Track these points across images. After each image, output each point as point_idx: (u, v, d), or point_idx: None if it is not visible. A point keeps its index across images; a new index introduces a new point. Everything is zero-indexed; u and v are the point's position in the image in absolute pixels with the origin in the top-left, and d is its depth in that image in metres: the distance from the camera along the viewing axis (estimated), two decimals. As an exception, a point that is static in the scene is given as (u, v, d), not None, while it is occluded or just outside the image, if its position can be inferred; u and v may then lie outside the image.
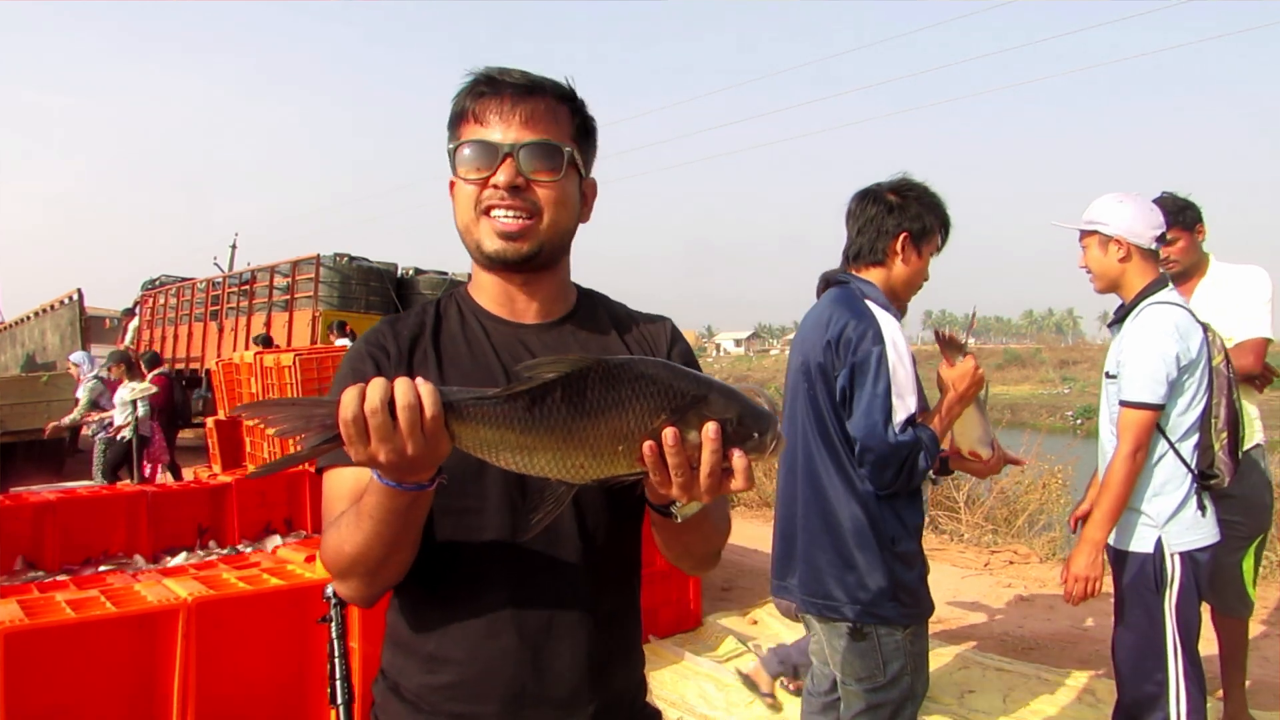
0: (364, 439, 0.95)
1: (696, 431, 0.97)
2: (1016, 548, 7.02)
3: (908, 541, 2.26)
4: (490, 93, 1.23)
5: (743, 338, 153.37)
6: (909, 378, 2.27)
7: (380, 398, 0.94)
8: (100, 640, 2.46)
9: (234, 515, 4.89)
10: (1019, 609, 5.43)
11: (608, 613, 1.28)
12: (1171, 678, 2.50)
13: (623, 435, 0.97)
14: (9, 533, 4.14)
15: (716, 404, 0.99)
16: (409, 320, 1.32)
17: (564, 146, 1.24)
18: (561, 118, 1.25)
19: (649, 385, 0.98)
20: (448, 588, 1.23)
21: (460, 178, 1.24)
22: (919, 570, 2.30)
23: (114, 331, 18.84)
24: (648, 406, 0.97)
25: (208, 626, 2.58)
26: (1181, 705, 2.48)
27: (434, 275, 13.85)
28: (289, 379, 6.63)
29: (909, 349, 2.31)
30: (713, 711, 3.85)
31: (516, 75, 1.25)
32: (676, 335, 1.41)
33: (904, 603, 2.24)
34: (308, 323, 11.96)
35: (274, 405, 0.99)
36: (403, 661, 1.27)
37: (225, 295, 14.56)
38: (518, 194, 1.21)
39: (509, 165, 1.20)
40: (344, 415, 0.94)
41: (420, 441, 0.95)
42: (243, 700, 2.65)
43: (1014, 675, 4.26)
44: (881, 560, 2.23)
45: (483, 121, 1.22)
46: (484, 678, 1.21)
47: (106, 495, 4.73)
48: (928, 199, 2.39)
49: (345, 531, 1.12)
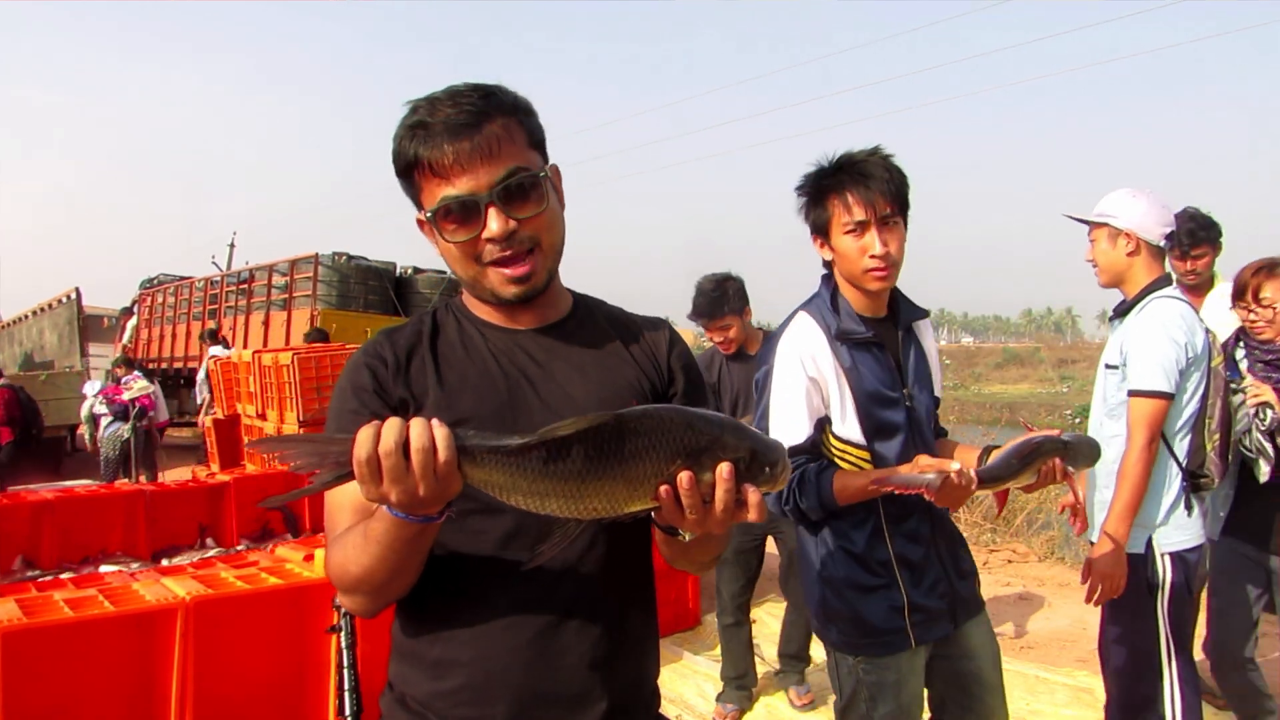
0: (376, 479, 0.95)
1: (711, 472, 0.99)
2: (1015, 546, 7.03)
3: (836, 568, 2.06)
4: (442, 138, 1.16)
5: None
6: (796, 401, 2.00)
7: (395, 439, 0.94)
8: (99, 639, 2.46)
9: (232, 515, 4.89)
10: (1017, 607, 5.43)
11: (618, 611, 1.27)
12: (1166, 680, 2.48)
13: (638, 482, 1.00)
14: (7, 532, 4.13)
15: (730, 444, 1.01)
16: (406, 330, 1.31)
17: (536, 171, 1.21)
18: (515, 131, 1.20)
19: (664, 435, 1.00)
20: (452, 592, 1.22)
21: (447, 240, 1.20)
22: (855, 601, 2.04)
23: (112, 330, 18.81)
24: (663, 455, 0.99)
25: (206, 626, 2.58)
26: (1177, 707, 2.48)
27: (432, 274, 13.82)
28: (287, 378, 6.62)
29: (829, 365, 2.00)
30: (712, 711, 3.85)
31: (458, 110, 1.17)
32: (675, 338, 1.41)
33: (842, 630, 2.08)
34: (306, 322, 11.94)
35: (289, 441, 1.01)
36: (408, 670, 1.26)
37: (223, 294, 14.53)
38: (512, 237, 1.19)
39: (495, 215, 1.17)
40: (358, 455, 0.94)
41: (432, 483, 0.96)
42: (241, 699, 2.65)
43: (1012, 674, 4.24)
44: (816, 584, 2.11)
45: (446, 176, 1.17)
46: (491, 679, 1.20)
47: (104, 495, 4.72)
48: (804, 183, 2.09)
49: (351, 552, 1.12)
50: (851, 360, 2.02)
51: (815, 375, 2.01)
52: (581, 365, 1.29)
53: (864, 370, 2.03)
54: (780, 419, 2.03)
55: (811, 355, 2.02)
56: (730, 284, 3.71)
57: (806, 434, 2.00)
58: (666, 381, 1.36)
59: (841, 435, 2.03)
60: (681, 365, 1.38)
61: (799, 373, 2.01)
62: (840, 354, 2.02)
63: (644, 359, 1.35)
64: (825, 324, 2.04)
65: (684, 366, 1.38)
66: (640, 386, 1.32)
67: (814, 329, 2.04)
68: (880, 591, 2.04)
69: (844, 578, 2.06)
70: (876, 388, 2.03)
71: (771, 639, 4.77)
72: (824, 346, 2.02)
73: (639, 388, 1.32)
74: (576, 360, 1.30)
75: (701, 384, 1.41)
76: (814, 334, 2.03)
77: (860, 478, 1.96)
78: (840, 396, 2.01)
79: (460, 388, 1.24)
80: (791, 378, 2.02)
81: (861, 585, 2.05)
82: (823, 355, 2.01)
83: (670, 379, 1.36)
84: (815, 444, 2.02)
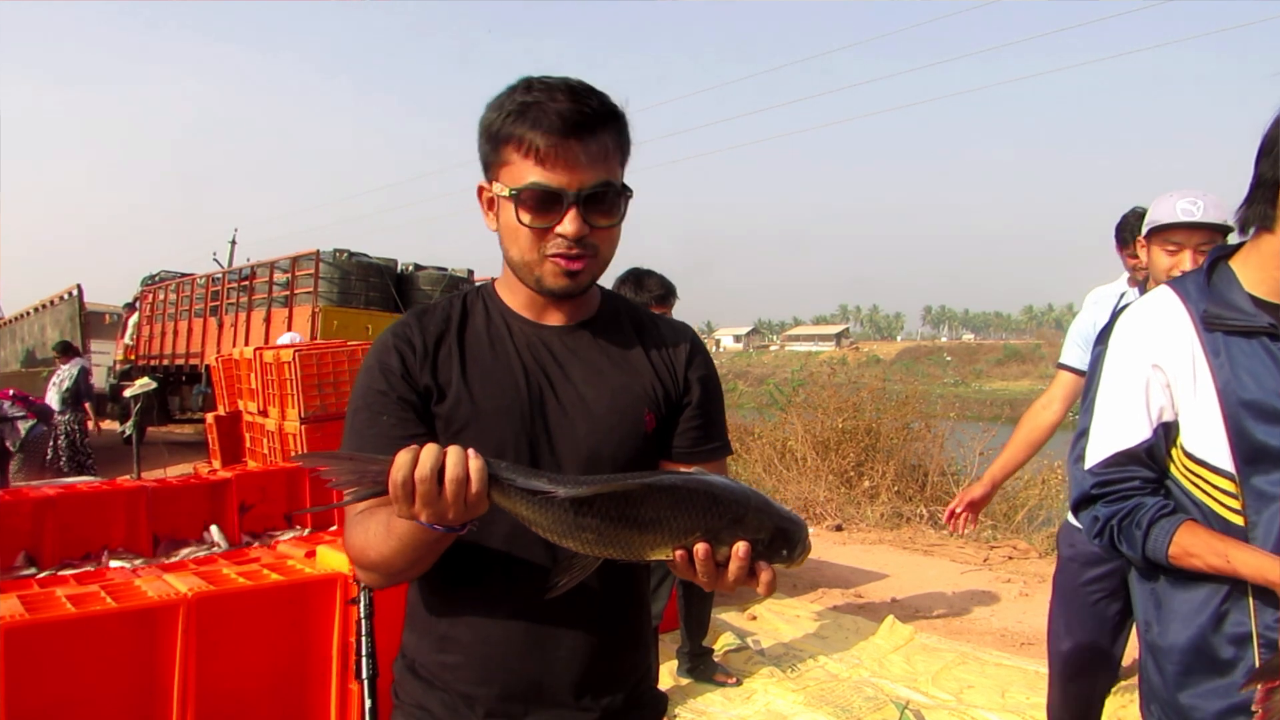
0: (410, 500, 1.03)
1: (728, 547, 1.05)
2: (1016, 543, 7.04)
3: (1166, 630, 1.57)
4: (553, 127, 1.19)
5: (742, 333, 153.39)
6: (1133, 394, 1.56)
7: (431, 466, 1.01)
8: (101, 635, 2.46)
9: (235, 511, 4.90)
10: (1018, 604, 5.44)
11: (613, 601, 1.33)
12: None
13: (655, 545, 1.06)
14: (9, 528, 4.13)
15: (750, 524, 1.05)
16: (435, 315, 1.34)
17: (624, 190, 1.26)
18: (615, 145, 1.26)
19: (686, 509, 1.04)
20: (460, 573, 1.28)
21: (520, 222, 1.23)
22: (1185, 685, 1.55)
23: (114, 327, 18.84)
24: (684, 526, 1.04)
25: (208, 621, 2.58)
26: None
27: (433, 271, 13.83)
28: (289, 374, 6.63)
29: (1186, 355, 1.51)
30: (709, 707, 3.86)
31: (577, 107, 1.20)
32: (696, 348, 1.42)
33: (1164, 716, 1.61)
34: (307, 318, 11.95)
35: (332, 458, 1.10)
36: (418, 640, 1.34)
37: (225, 291, 14.54)
38: (582, 240, 1.23)
39: (575, 217, 1.21)
40: (395, 477, 1.01)
41: (461, 510, 1.04)
42: (243, 694, 2.66)
43: (1013, 670, 4.27)
44: (1143, 646, 1.65)
45: (542, 163, 1.20)
46: (488, 662, 1.28)
47: (106, 490, 4.72)
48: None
49: (373, 539, 1.18)
50: (1224, 352, 1.46)
51: (1161, 364, 1.51)
52: (600, 369, 1.33)
53: (1242, 368, 1.44)
54: (1109, 415, 1.57)
55: (1160, 338, 1.52)
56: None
57: (1144, 437, 1.52)
58: (681, 392, 1.38)
59: (1195, 453, 1.48)
60: (699, 377, 1.40)
61: (1139, 358, 1.54)
62: (1207, 343, 1.48)
63: (662, 367, 1.37)
64: (1190, 302, 1.51)
65: (701, 379, 1.40)
66: (654, 395, 1.34)
67: (1171, 306, 1.53)
68: (1224, 675, 1.48)
69: (1176, 647, 1.53)
70: (1259, 395, 1.42)
71: (771, 635, 4.79)
72: (1182, 330, 1.50)
73: (653, 396, 1.34)
74: (596, 363, 1.33)
75: (718, 397, 1.43)
76: (1169, 312, 1.53)
77: (1216, 548, 1.42)
78: (1196, 399, 1.48)
79: (482, 381, 1.29)
80: (1129, 363, 1.55)
81: (1196, 668, 1.51)
82: (1178, 341, 1.50)
83: (685, 389, 1.38)
84: (1156, 454, 1.53)
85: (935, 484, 8.98)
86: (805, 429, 9.80)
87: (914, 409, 9.97)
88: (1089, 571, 2.80)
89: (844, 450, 9.34)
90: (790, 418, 10.27)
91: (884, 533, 7.79)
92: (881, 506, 8.42)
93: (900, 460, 9.25)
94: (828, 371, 11.70)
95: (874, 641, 4.69)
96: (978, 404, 22.65)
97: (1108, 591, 2.76)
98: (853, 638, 4.75)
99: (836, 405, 9.83)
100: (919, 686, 4.08)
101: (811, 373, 12.02)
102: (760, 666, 4.26)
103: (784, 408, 10.80)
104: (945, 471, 9.17)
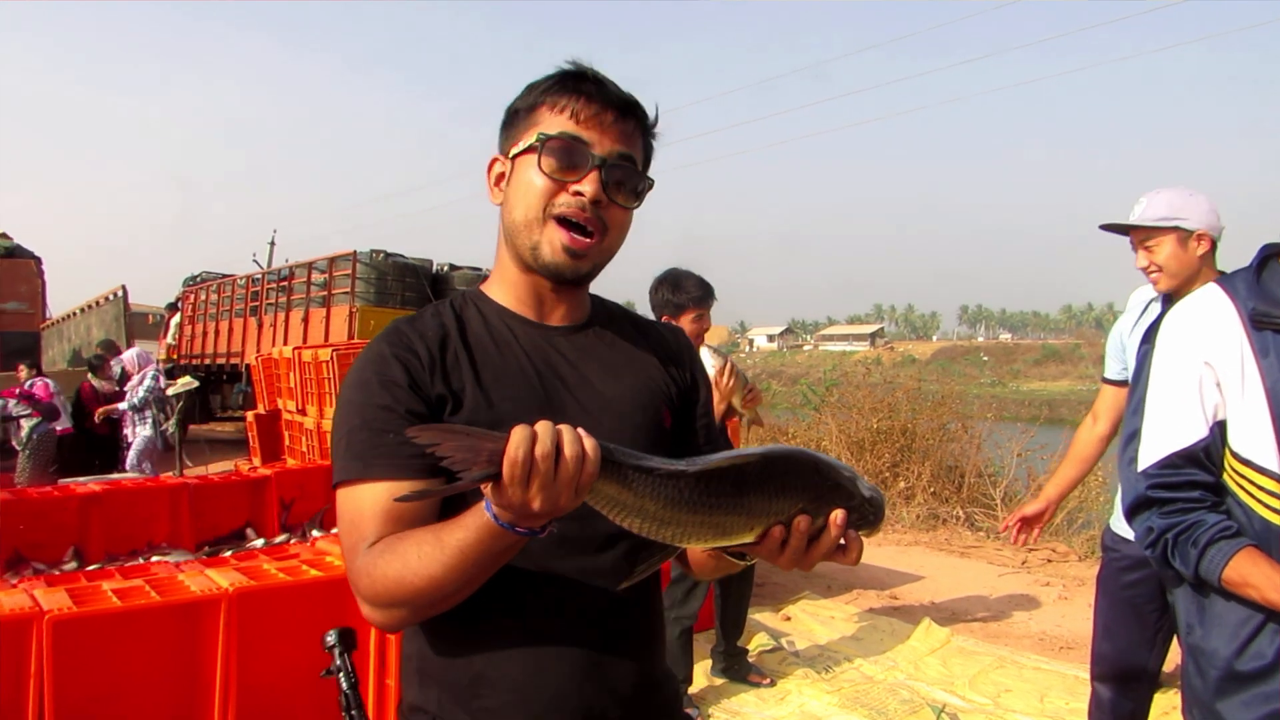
0: (526, 482, 0.91)
1: (825, 516, 1.02)
2: (1055, 545, 6.93)
3: (1209, 636, 1.56)
4: (592, 95, 1.20)
5: (776, 333, 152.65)
6: (1187, 391, 1.54)
7: (551, 442, 0.91)
8: (145, 628, 2.52)
9: (274, 508, 4.97)
10: (1057, 607, 5.36)
11: (648, 614, 1.30)
12: None
13: (759, 521, 1.01)
14: (58, 524, 4.24)
15: (847, 490, 1.04)
16: (429, 321, 1.25)
17: (646, 177, 1.25)
18: (641, 141, 1.26)
19: (797, 478, 1.02)
20: (494, 601, 1.15)
21: (541, 170, 1.19)
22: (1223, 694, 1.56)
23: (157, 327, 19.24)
24: (791, 498, 1.01)
25: (249, 616, 2.63)
26: None
27: (468, 271, 13.93)
28: (326, 374, 6.73)
29: (1235, 353, 1.49)
30: (743, 707, 3.85)
31: (618, 93, 1.22)
32: (691, 347, 1.45)
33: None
34: (344, 319, 12.10)
35: (447, 432, 0.95)
36: (439, 693, 1.20)
37: (264, 291, 14.76)
38: (595, 208, 1.19)
39: (594, 179, 1.18)
40: (513, 455, 0.91)
41: (572, 494, 0.93)
42: (283, 688, 2.70)
43: (1051, 675, 4.20)
44: (1185, 650, 1.66)
45: (578, 120, 1.19)
46: (540, 694, 1.17)
47: (150, 487, 4.82)
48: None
49: (415, 563, 1.04)
50: (1273, 352, 1.44)
51: (1212, 361, 1.48)
52: (614, 367, 1.30)
53: None
54: (1162, 414, 1.53)
55: (1210, 336, 1.50)
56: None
57: (1201, 435, 1.48)
58: (689, 387, 1.38)
59: (1243, 454, 1.45)
60: (700, 372, 1.41)
61: (1190, 356, 1.51)
62: (1256, 341, 1.45)
63: (670, 364, 1.37)
64: (1239, 300, 1.49)
65: (701, 374, 1.42)
66: (668, 391, 1.33)
67: (1219, 304, 1.51)
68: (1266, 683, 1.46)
69: (1219, 654, 1.51)
70: None
71: (805, 635, 4.76)
72: (1230, 328, 1.48)
73: (667, 392, 1.33)
74: (608, 362, 1.30)
75: (710, 393, 1.44)
76: (1217, 310, 1.51)
77: (1278, 583, 1.38)
78: (1244, 398, 1.45)
79: (497, 385, 1.20)
80: (1180, 362, 1.53)
81: (1239, 674, 1.49)
82: (1227, 339, 1.48)
83: (693, 384, 1.39)
84: (1213, 454, 1.48)
85: (972, 485, 8.86)
86: (839, 429, 9.73)
87: (950, 409, 9.85)
88: (1132, 575, 2.77)
89: (879, 451, 9.27)
90: (824, 418, 10.21)
91: (920, 534, 7.71)
92: (917, 508, 8.34)
93: (936, 461, 9.14)
94: (862, 371, 11.59)
95: (910, 644, 4.65)
96: (1015, 404, 22.26)
97: (1151, 595, 2.71)
98: (888, 640, 4.71)
99: (871, 405, 9.75)
100: (955, 690, 4.03)
101: (845, 372, 11.92)
102: (795, 667, 4.24)
103: (818, 408, 10.74)
104: (982, 473, 9.05)
